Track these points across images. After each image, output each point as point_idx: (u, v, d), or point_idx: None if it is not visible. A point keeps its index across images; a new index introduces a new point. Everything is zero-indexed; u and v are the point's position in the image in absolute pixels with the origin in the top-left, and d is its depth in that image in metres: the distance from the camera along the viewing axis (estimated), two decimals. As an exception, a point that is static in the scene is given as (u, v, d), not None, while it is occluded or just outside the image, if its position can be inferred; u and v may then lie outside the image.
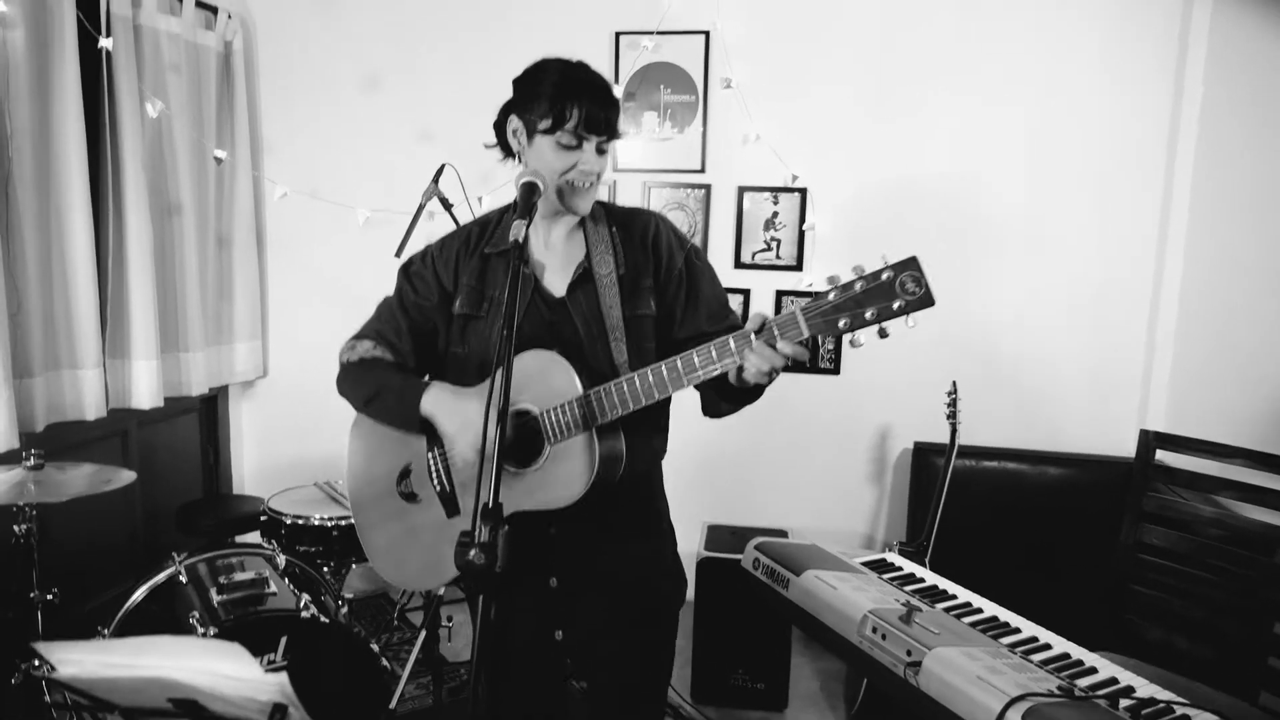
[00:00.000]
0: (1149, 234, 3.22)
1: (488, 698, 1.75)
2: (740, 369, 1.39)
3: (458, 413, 1.54)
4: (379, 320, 1.73)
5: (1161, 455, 2.50)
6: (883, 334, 1.33)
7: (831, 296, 1.32)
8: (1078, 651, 1.80)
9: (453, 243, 1.69)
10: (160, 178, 3.20)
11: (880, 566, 2.24)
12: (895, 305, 1.30)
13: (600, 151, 1.56)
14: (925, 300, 1.30)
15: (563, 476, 1.51)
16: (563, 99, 1.50)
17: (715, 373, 1.41)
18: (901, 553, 2.97)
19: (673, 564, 1.81)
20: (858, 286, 1.31)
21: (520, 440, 1.53)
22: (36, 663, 2.16)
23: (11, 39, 2.57)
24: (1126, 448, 3.22)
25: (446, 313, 1.67)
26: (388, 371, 1.67)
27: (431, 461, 1.66)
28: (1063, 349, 3.32)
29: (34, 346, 2.73)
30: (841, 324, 1.32)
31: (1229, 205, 3.06)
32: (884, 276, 1.30)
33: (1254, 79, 2.99)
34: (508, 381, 1.32)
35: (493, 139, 1.65)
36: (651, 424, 1.65)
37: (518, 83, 1.59)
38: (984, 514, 3.16)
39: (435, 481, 1.66)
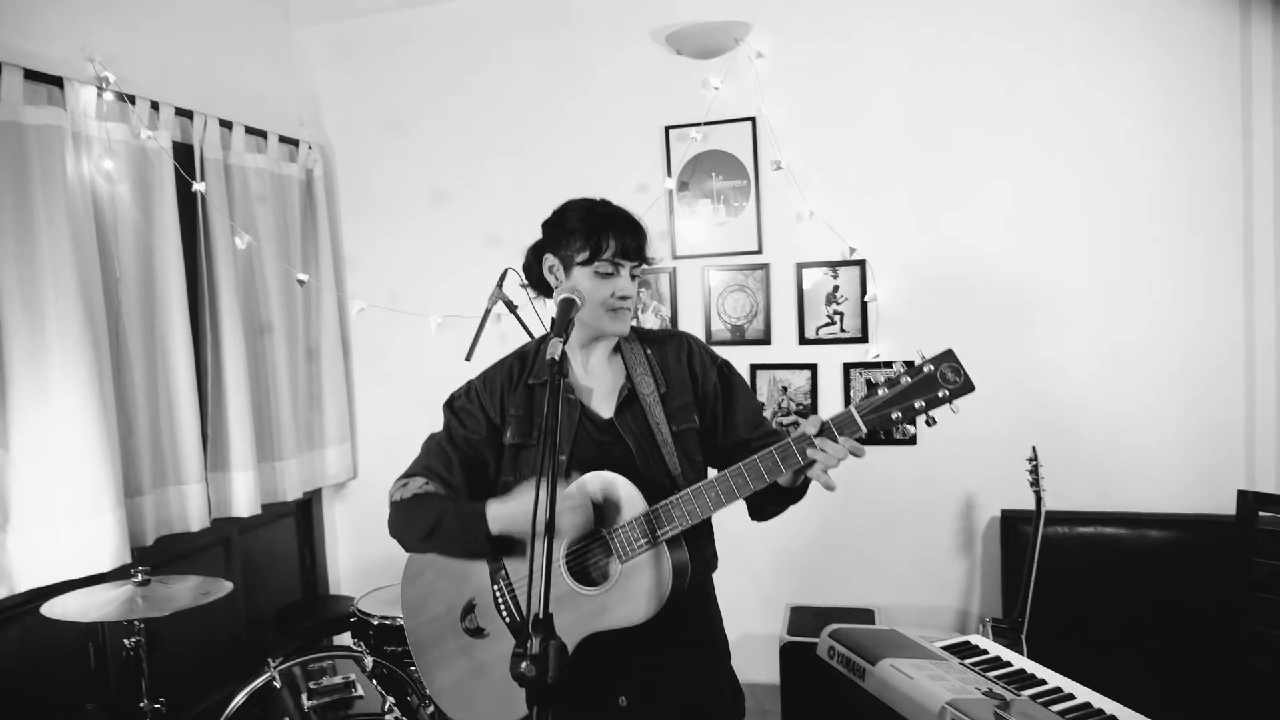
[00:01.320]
0: (1232, 283, 3.08)
1: None
2: (801, 468, 1.49)
3: (525, 506, 1.53)
4: (428, 457, 1.77)
5: (1266, 517, 2.36)
6: (930, 422, 1.46)
7: (881, 393, 1.46)
8: (1179, 742, 1.69)
9: (495, 376, 1.77)
10: (252, 300, 3.45)
11: (963, 651, 2.16)
12: (940, 394, 1.44)
13: (633, 277, 1.67)
14: (966, 387, 1.43)
15: (636, 592, 1.54)
16: (597, 231, 1.62)
17: (780, 476, 1.49)
18: (995, 629, 2.86)
19: (731, 674, 1.81)
20: (904, 381, 1.45)
21: (585, 562, 1.58)
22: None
23: (119, 192, 2.86)
24: (1231, 505, 3.04)
25: (496, 444, 1.73)
26: (444, 500, 1.69)
27: (498, 593, 1.67)
28: (1149, 406, 3.17)
29: (143, 466, 2.94)
30: (895, 416, 1.45)
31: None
32: (926, 370, 1.44)
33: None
34: (553, 492, 1.37)
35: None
36: (704, 535, 1.71)
37: (548, 225, 1.71)
38: (1082, 583, 3.00)
39: (504, 613, 1.66)
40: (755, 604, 3.48)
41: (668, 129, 3.54)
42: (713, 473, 1.58)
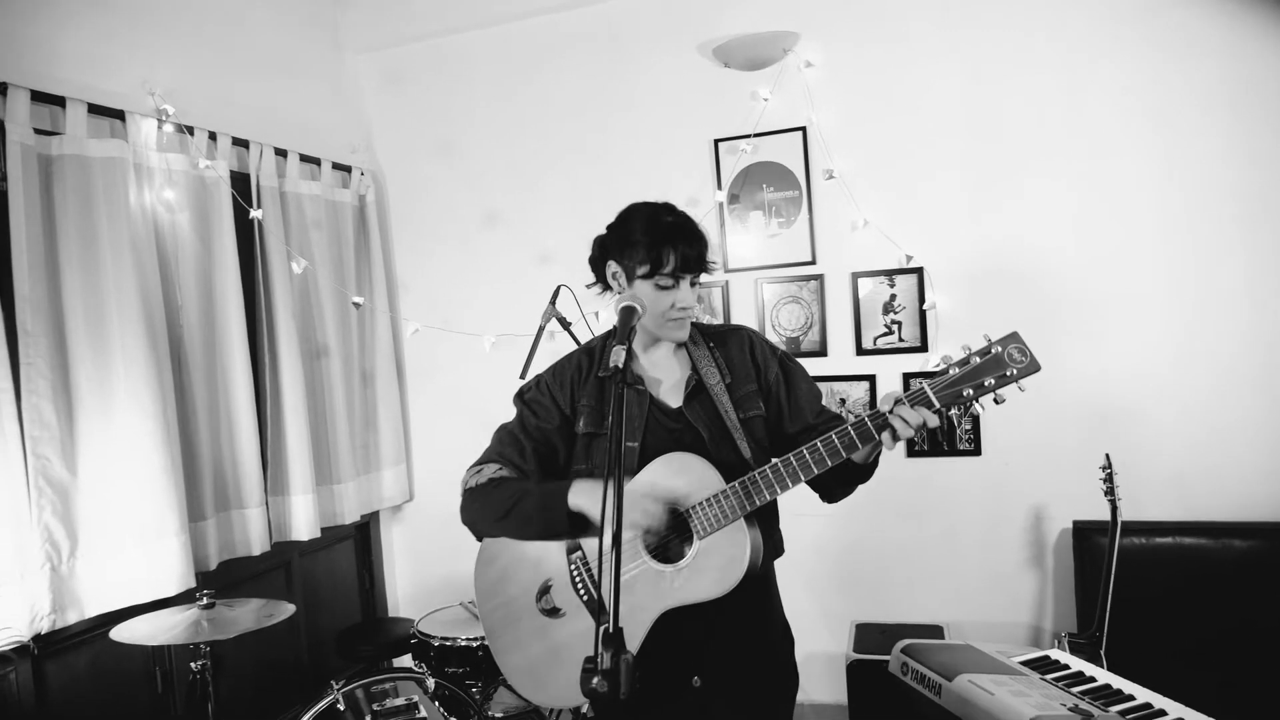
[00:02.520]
0: (1312, 276, 2.95)
1: None
2: (876, 444, 1.55)
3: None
4: (500, 444, 1.81)
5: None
6: (999, 400, 1.52)
7: (953, 372, 1.51)
8: (1285, 759, 1.58)
9: (565, 370, 1.82)
10: (308, 325, 3.50)
11: (1043, 665, 2.06)
12: (1008, 373, 1.49)
13: (693, 285, 1.71)
14: (1032, 366, 1.49)
15: (715, 568, 1.59)
16: (658, 245, 1.65)
17: (856, 452, 1.55)
18: (1071, 645, 2.75)
19: (791, 660, 1.87)
20: (973, 361, 1.51)
21: (665, 538, 1.64)
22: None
23: (179, 221, 2.92)
24: (1323, 512, 2.88)
25: (567, 434, 1.78)
26: (521, 482, 1.73)
27: (574, 571, 1.72)
28: (1228, 410, 3.04)
29: (205, 491, 2.98)
30: (966, 393, 1.51)
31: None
32: (994, 350, 1.50)
33: None
34: (619, 494, 1.36)
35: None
36: (771, 520, 1.78)
37: (612, 229, 1.75)
38: (1162, 596, 2.87)
39: (581, 591, 1.71)
40: (818, 621, 3.39)
41: (717, 142, 3.52)
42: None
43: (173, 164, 2.90)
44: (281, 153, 3.39)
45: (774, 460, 1.58)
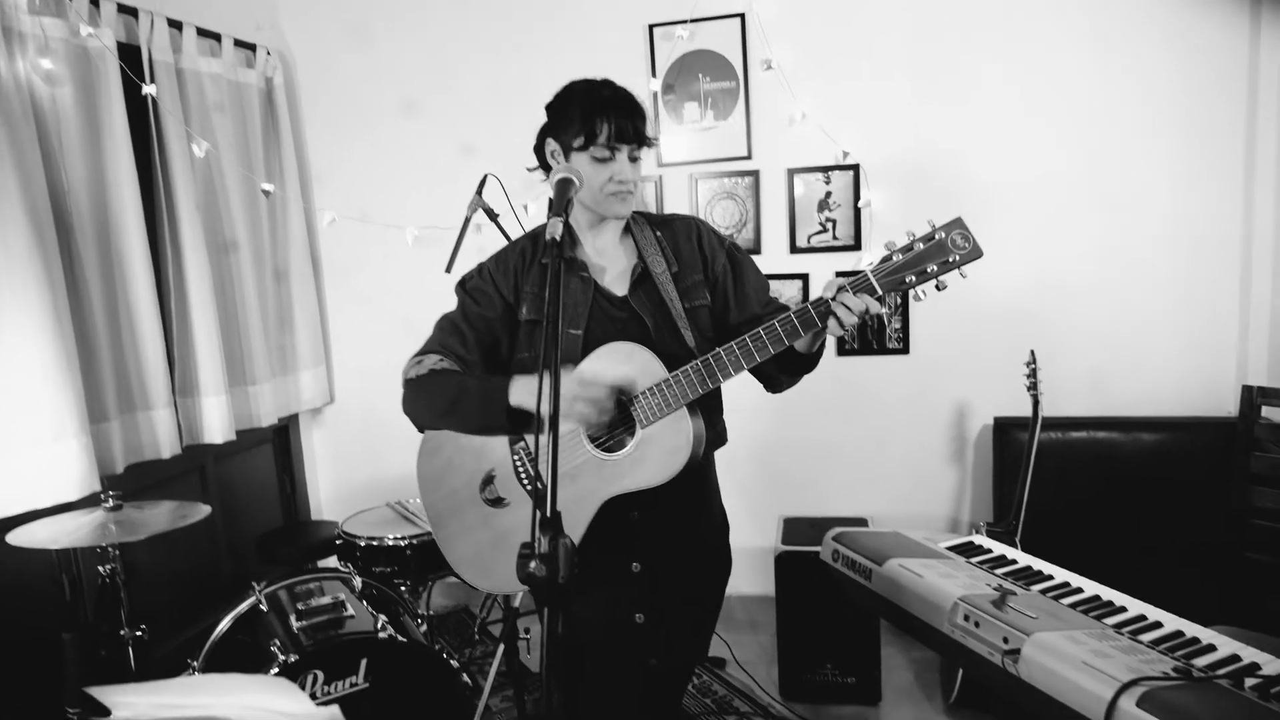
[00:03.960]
0: (1233, 180, 3.01)
1: (566, 692, 1.79)
2: (819, 330, 1.52)
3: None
4: (442, 334, 1.77)
5: (1268, 412, 2.33)
6: (940, 287, 1.49)
7: (896, 258, 1.49)
8: (1191, 629, 1.66)
9: (508, 257, 1.76)
10: (214, 216, 3.27)
11: (967, 550, 2.12)
12: (951, 259, 1.47)
13: (633, 159, 1.65)
14: (975, 252, 1.48)
15: (657, 456, 1.59)
16: (593, 116, 1.60)
17: (799, 339, 1.53)
18: (989, 534, 2.84)
19: (725, 545, 1.90)
20: (917, 247, 1.48)
21: (607, 428, 1.63)
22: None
23: (60, 95, 2.65)
24: (1226, 407, 3.02)
25: (510, 322, 1.74)
26: (462, 376, 1.69)
27: (517, 462, 1.72)
28: (1147, 309, 3.13)
29: (107, 391, 2.80)
30: (908, 279, 1.48)
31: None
32: (937, 236, 1.48)
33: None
34: (556, 377, 1.30)
35: (533, 158, 1.75)
36: (716, 410, 1.77)
37: (549, 108, 1.70)
38: (1076, 488, 3.00)
39: (524, 481, 1.71)
40: (746, 518, 3.41)
41: (651, 27, 3.35)
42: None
43: (49, 30, 2.60)
44: (176, 24, 3.09)
45: (717, 349, 1.57)
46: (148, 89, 2.87)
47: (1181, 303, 3.10)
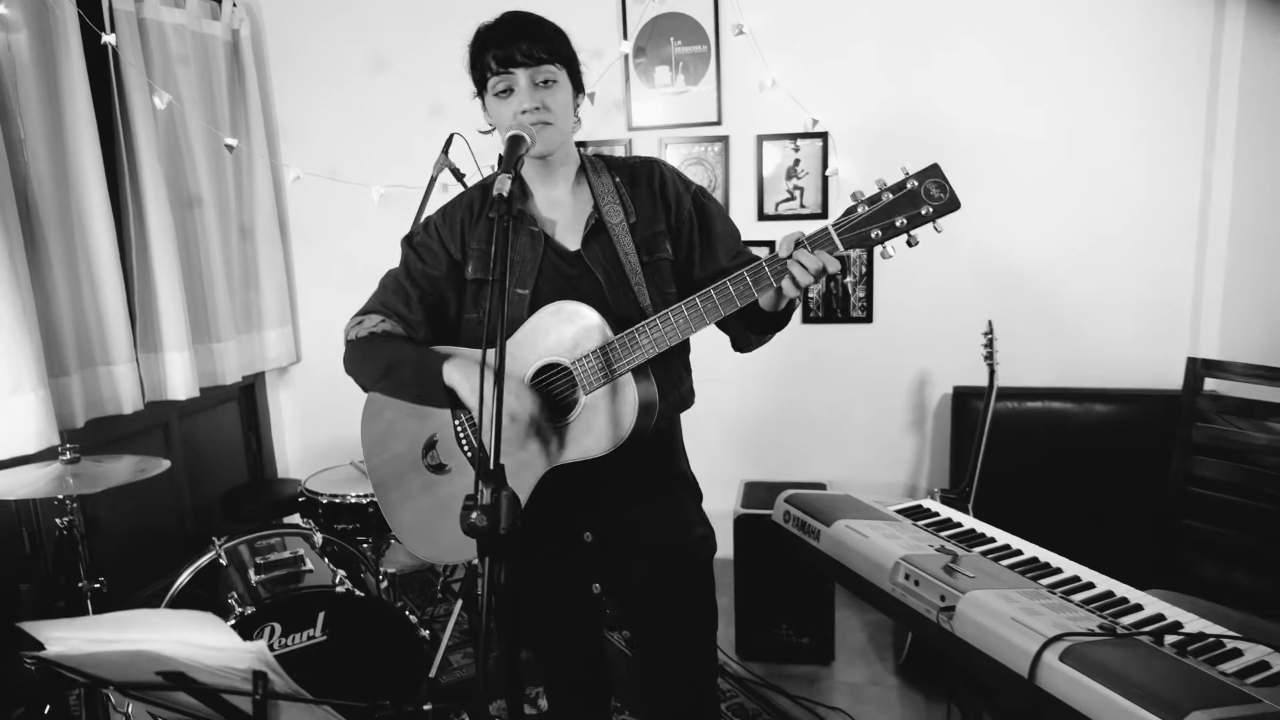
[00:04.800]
0: (1193, 158, 3.06)
1: (529, 650, 1.79)
2: (778, 290, 1.40)
3: (478, 359, 1.50)
4: (385, 293, 1.68)
5: (1212, 384, 2.39)
6: (911, 242, 1.36)
7: (860, 210, 1.35)
8: (1122, 589, 1.72)
9: (455, 211, 1.66)
10: (177, 171, 3.23)
11: (916, 513, 2.17)
12: (924, 211, 1.33)
13: (542, 84, 1.50)
14: (952, 203, 1.33)
15: (601, 425, 1.49)
16: (480, 54, 1.51)
17: (751, 298, 1.40)
18: (943, 499, 2.91)
19: (700, 515, 1.81)
20: (885, 198, 1.34)
21: (553, 394, 1.53)
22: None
23: (15, 42, 2.60)
24: (1176, 380, 3.09)
25: (456, 280, 1.64)
26: (400, 344, 1.61)
27: (459, 429, 1.63)
28: (1106, 283, 3.18)
29: (67, 345, 2.78)
30: (874, 235, 1.34)
31: (1277, 126, 2.88)
32: (909, 185, 1.34)
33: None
34: (501, 336, 1.29)
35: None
36: (678, 371, 1.67)
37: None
38: (1029, 457, 3.06)
39: (466, 448, 1.63)
40: (709, 482, 3.45)
41: (623, -14, 3.33)
42: None
43: (3, -27, 2.55)
44: (137, -28, 3.03)
45: (665, 310, 1.45)
46: (108, 38, 2.82)
47: (1140, 279, 3.16)
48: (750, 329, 1.58)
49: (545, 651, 1.77)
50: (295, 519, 3.17)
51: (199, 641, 0.84)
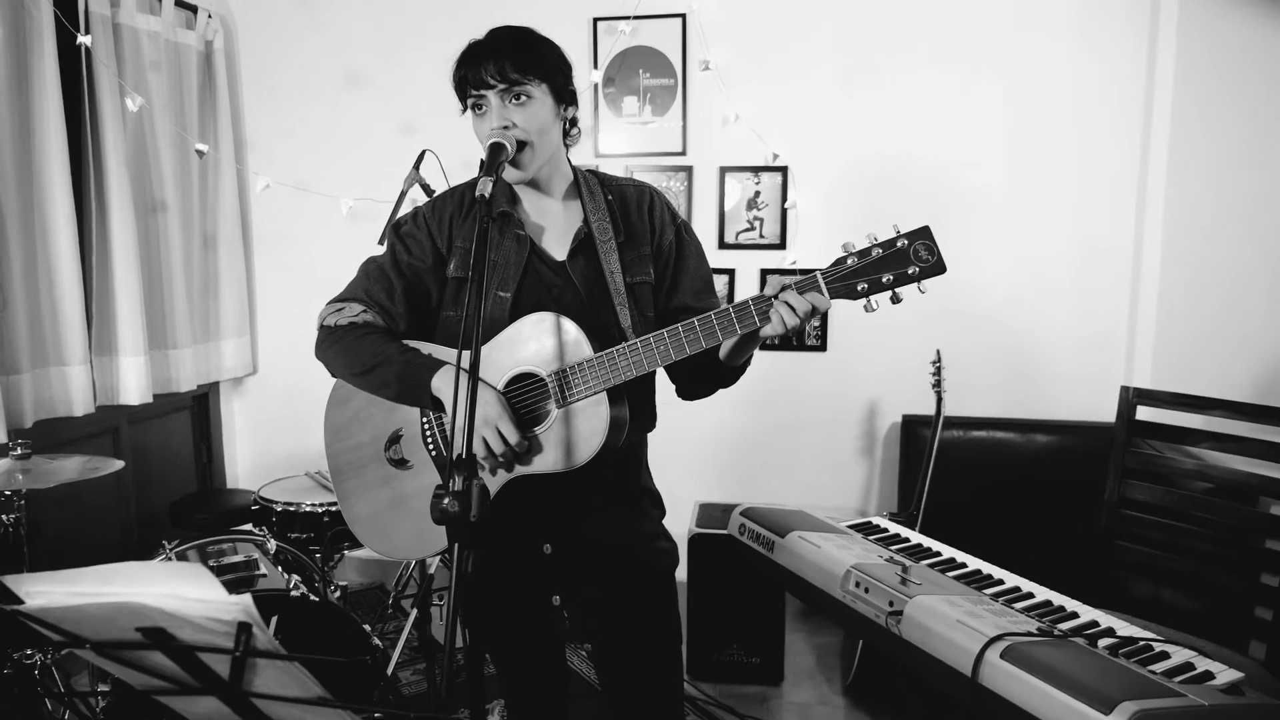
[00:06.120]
0: (1128, 200, 3.24)
1: (489, 659, 1.78)
2: (756, 330, 1.41)
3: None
4: (368, 281, 1.64)
5: (1144, 413, 2.52)
6: (896, 299, 1.38)
7: (850, 262, 1.38)
8: (1060, 599, 1.81)
9: (445, 205, 1.64)
10: (143, 175, 3.22)
11: (866, 529, 2.25)
12: (910, 271, 1.36)
13: (515, 101, 1.51)
14: (938, 267, 1.36)
15: (569, 440, 1.48)
16: (456, 75, 1.55)
17: (734, 335, 1.42)
18: (891, 520, 2.99)
19: (662, 528, 1.81)
20: (875, 253, 1.37)
21: (525, 404, 1.52)
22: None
23: (-11, 37, 2.60)
24: (1114, 412, 3.23)
25: (440, 274, 1.63)
26: (384, 341, 1.58)
27: (427, 426, 1.61)
28: (1049, 320, 3.34)
29: (20, 343, 2.74)
30: (860, 288, 1.37)
31: (1205, 168, 3.07)
32: (900, 244, 1.36)
33: (1225, 43, 3.01)
34: (476, 337, 1.32)
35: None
36: (645, 393, 1.68)
37: None
38: (973, 483, 3.17)
39: (431, 446, 1.61)
40: (669, 504, 3.53)
41: (596, 20, 3.43)
42: None
43: (-20, -30, 2.55)
44: (114, -22, 3.05)
45: (647, 336, 1.45)
46: (82, 39, 2.82)
47: (1079, 313, 3.32)
48: (700, 376, 1.62)
49: (504, 663, 1.75)
50: (247, 528, 3.13)
51: (184, 594, 0.85)
